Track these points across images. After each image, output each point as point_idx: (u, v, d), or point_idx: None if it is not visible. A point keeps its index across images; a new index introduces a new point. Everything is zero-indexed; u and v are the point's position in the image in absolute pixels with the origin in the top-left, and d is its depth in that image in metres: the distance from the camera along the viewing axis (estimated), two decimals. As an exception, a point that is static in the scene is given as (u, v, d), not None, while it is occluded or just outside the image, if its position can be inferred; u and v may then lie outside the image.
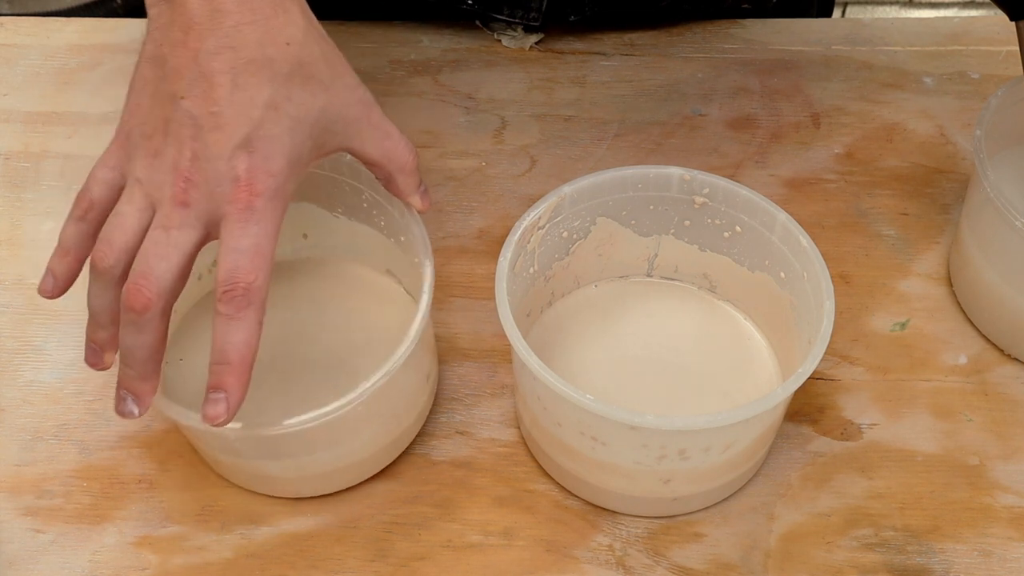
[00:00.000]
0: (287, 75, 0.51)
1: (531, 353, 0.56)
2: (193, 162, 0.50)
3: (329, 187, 0.64)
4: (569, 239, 0.65)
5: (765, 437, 0.60)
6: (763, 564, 0.60)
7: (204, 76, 0.50)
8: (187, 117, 0.50)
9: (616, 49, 0.85)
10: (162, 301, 0.51)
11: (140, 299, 0.50)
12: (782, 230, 0.62)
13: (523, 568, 0.59)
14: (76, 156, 0.76)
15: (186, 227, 0.50)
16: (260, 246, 0.50)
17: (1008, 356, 0.68)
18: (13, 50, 0.83)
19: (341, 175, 0.63)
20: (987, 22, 0.88)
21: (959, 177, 0.77)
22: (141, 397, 0.53)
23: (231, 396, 0.51)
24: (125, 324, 0.51)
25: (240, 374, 0.51)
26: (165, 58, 0.51)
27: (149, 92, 0.52)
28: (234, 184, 0.50)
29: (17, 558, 0.59)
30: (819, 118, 0.81)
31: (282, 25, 0.51)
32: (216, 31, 0.50)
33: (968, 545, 0.60)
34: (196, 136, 0.50)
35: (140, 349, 0.52)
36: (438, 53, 0.84)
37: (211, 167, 0.50)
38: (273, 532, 0.60)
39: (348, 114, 0.54)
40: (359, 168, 0.62)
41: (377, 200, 0.63)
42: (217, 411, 0.51)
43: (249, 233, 0.50)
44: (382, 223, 0.64)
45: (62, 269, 0.55)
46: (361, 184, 0.63)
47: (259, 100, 0.50)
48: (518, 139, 0.79)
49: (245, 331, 0.50)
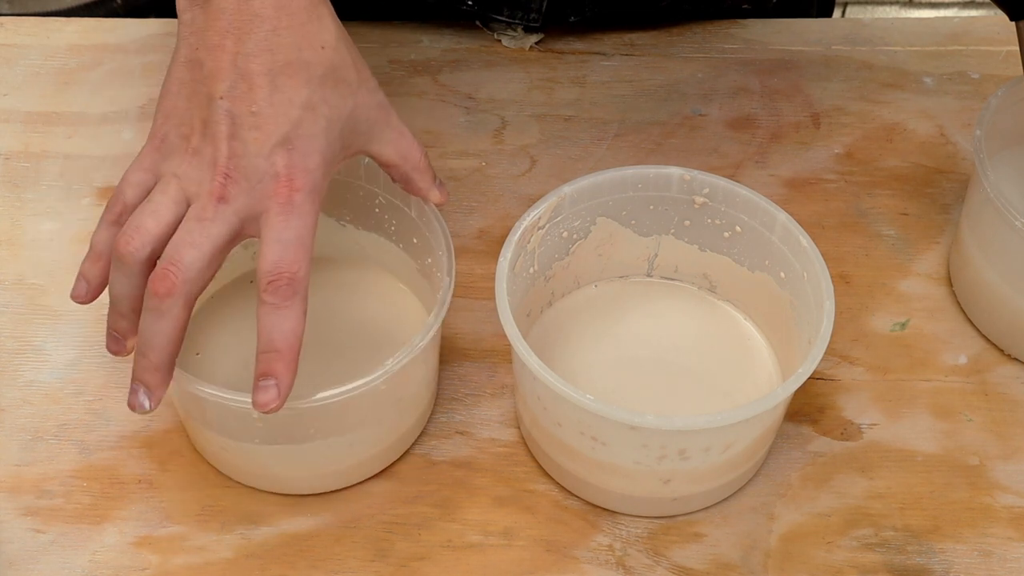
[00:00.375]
0: (321, 77, 0.53)
1: (531, 353, 0.56)
2: (232, 159, 0.51)
3: (339, 194, 0.65)
4: (569, 239, 0.65)
5: (765, 437, 0.60)
6: (763, 564, 0.60)
7: (243, 77, 0.51)
8: (226, 116, 0.51)
9: (616, 49, 0.85)
10: (187, 288, 0.51)
11: (165, 283, 0.51)
12: (782, 230, 0.62)
13: (523, 568, 0.59)
14: (76, 156, 0.76)
15: (221, 220, 0.51)
16: (302, 238, 0.52)
17: (1008, 356, 0.68)
18: (13, 50, 0.83)
19: (357, 179, 0.64)
20: (987, 22, 0.88)
21: (959, 177, 0.77)
22: (153, 389, 0.53)
23: (281, 382, 0.52)
24: (147, 310, 0.52)
25: (289, 361, 0.52)
26: (202, 61, 0.52)
27: (186, 94, 0.53)
28: (275, 180, 0.51)
29: (17, 558, 0.59)
30: (819, 118, 0.81)
31: (316, 31, 0.53)
32: (254, 34, 0.51)
33: (968, 545, 0.60)
34: (235, 135, 0.51)
35: (158, 336, 0.52)
36: (438, 53, 0.84)
37: (250, 164, 0.51)
38: (273, 532, 0.60)
39: (372, 116, 0.55)
40: (375, 171, 0.63)
41: (392, 203, 0.64)
42: (268, 397, 0.52)
43: (291, 226, 0.51)
44: (392, 227, 0.65)
45: (94, 274, 0.55)
46: (377, 188, 0.64)
47: (297, 101, 0.52)
48: (518, 139, 0.79)
49: (292, 319, 0.52)
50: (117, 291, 0.53)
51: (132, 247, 0.52)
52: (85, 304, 0.56)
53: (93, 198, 0.74)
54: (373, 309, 0.67)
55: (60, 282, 0.70)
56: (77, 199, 0.74)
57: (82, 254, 0.70)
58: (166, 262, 0.51)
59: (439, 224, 0.61)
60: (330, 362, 0.63)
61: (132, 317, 0.54)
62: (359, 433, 0.59)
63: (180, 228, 0.52)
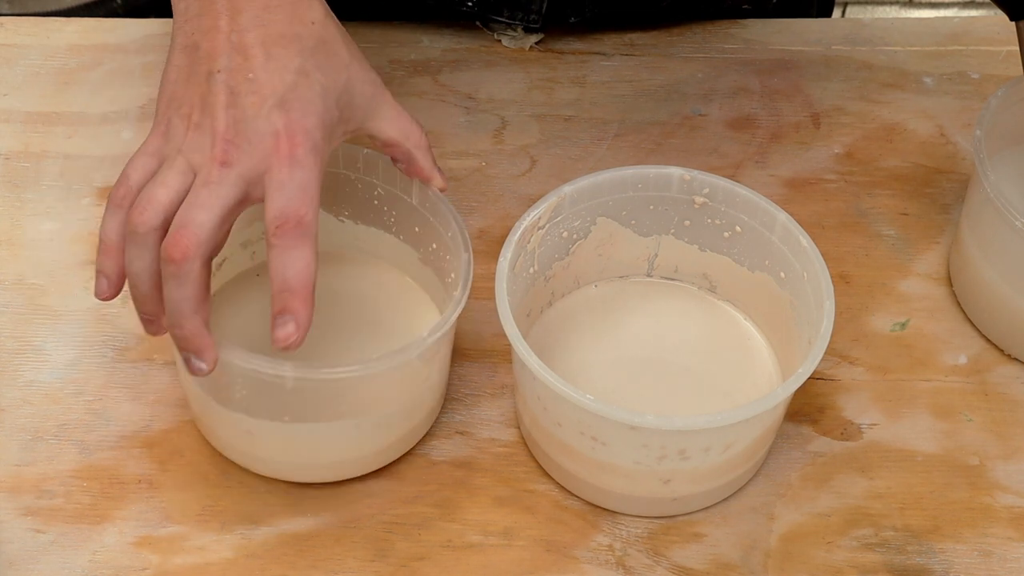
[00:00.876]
0: (313, 48, 0.54)
1: (531, 353, 0.56)
2: (231, 125, 0.52)
3: (337, 188, 0.65)
4: (569, 239, 0.65)
5: (765, 437, 0.60)
6: (763, 564, 0.60)
7: (238, 50, 0.53)
8: (223, 88, 0.52)
9: (616, 49, 0.85)
10: (202, 250, 0.51)
11: (179, 248, 0.51)
12: (782, 230, 0.62)
13: (523, 568, 0.59)
14: (76, 156, 0.76)
15: (227, 183, 0.52)
16: (307, 187, 0.52)
17: (1008, 356, 0.68)
18: (13, 50, 0.83)
19: (355, 172, 0.64)
20: (987, 22, 0.88)
21: (959, 177, 0.77)
22: (202, 352, 0.53)
23: (298, 318, 0.52)
24: (167, 279, 0.52)
25: (304, 298, 0.52)
26: (198, 44, 0.54)
27: (184, 78, 0.54)
28: (275, 138, 0.52)
29: (17, 558, 0.59)
30: (819, 118, 0.81)
31: (305, 8, 0.55)
32: (246, 12, 0.53)
33: (968, 545, 0.60)
34: (233, 103, 0.52)
35: (185, 302, 0.52)
36: (438, 53, 0.84)
37: (250, 126, 0.52)
38: (273, 532, 0.60)
39: (368, 91, 0.56)
40: (373, 162, 0.63)
41: (392, 192, 0.64)
42: (287, 331, 0.52)
43: (295, 176, 0.52)
44: (392, 219, 0.65)
45: (110, 267, 0.55)
46: (376, 179, 0.64)
47: (291, 67, 0.53)
48: (518, 139, 0.79)
49: (303, 259, 0.52)
50: (136, 268, 0.53)
51: (145, 217, 0.52)
52: (110, 300, 0.55)
53: (93, 198, 0.74)
54: (378, 301, 0.67)
55: (60, 282, 0.70)
56: (77, 199, 0.74)
57: (82, 254, 0.71)
58: (177, 227, 0.51)
59: (444, 205, 0.61)
60: (340, 355, 0.64)
61: (156, 295, 0.53)
62: (389, 412, 0.59)
63: (188, 196, 0.52)
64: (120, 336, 0.67)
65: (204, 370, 0.54)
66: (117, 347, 0.67)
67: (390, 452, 0.62)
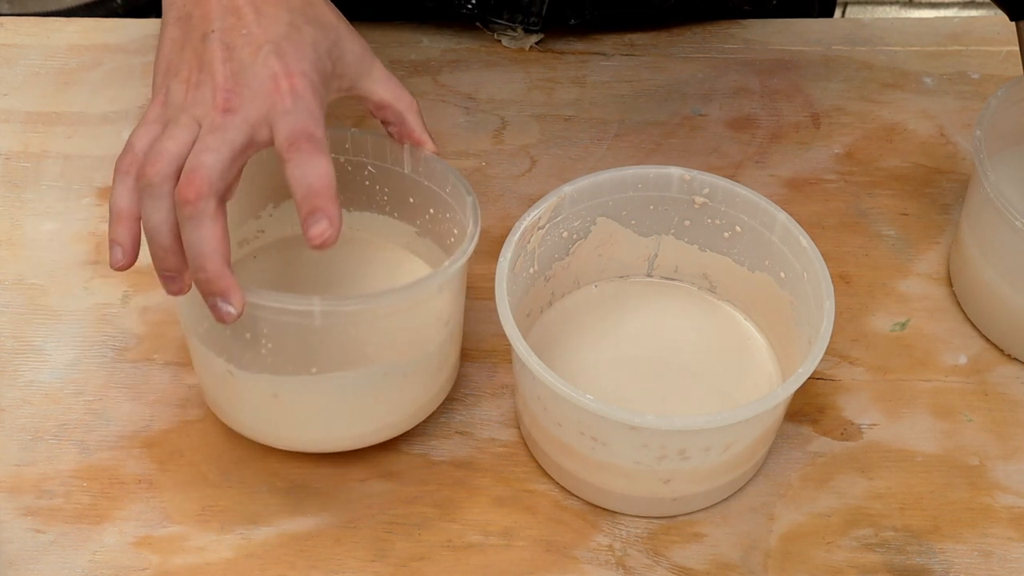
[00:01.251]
0: (301, 8, 0.56)
1: (531, 353, 0.56)
2: (230, 76, 0.53)
3: None
4: (569, 239, 0.65)
5: (765, 437, 0.60)
6: (763, 564, 0.60)
7: (230, 11, 0.55)
8: (219, 45, 0.54)
9: (616, 49, 0.85)
10: (214, 189, 0.52)
11: (192, 187, 0.51)
12: (782, 230, 0.62)
13: (523, 568, 0.59)
14: (76, 156, 0.76)
15: (233, 128, 0.53)
16: (313, 112, 0.53)
17: (1008, 356, 0.68)
18: (13, 50, 0.83)
19: (343, 154, 0.64)
20: (987, 22, 0.88)
21: (959, 177, 0.77)
22: (228, 294, 0.53)
23: (329, 215, 0.52)
24: (184, 223, 0.52)
25: (330, 196, 0.52)
26: (190, 14, 0.55)
27: (179, 46, 0.55)
28: (273, 80, 0.53)
29: (17, 558, 0.59)
30: (819, 118, 0.81)
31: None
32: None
33: (968, 545, 0.60)
34: (229, 57, 0.54)
35: (205, 243, 0.52)
36: (438, 53, 0.84)
37: (248, 73, 0.53)
38: (273, 532, 0.60)
39: (357, 51, 0.58)
40: (361, 141, 0.63)
41: (382, 168, 0.64)
42: (321, 228, 0.52)
43: (299, 105, 0.53)
44: (385, 198, 0.65)
45: (124, 235, 0.55)
46: (365, 157, 0.64)
47: (282, 20, 0.55)
48: (518, 139, 0.79)
49: (321, 166, 0.52)
50: (154, 221, 0.53)
51: (158, 167, 0.52)
52: (126, 269, 0.55)
53: (93, 198, 0.74)
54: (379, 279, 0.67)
55: (60, 282, 0.70)
56: (77, 199, 0.74)
57: (82, 254, 0.71)
58: (188, 171, 0.52)
59: (439, 163, 0.61)
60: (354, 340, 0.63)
61: (176, 247, 0.53)
62: (413, 358, 0.59)
63: (196, 143, 0.53)
64: (120, 336, 0.67)
65: (232, 313, 0.53)
66: (117, 347, 0.67)
67: (416, 414, 0.61)
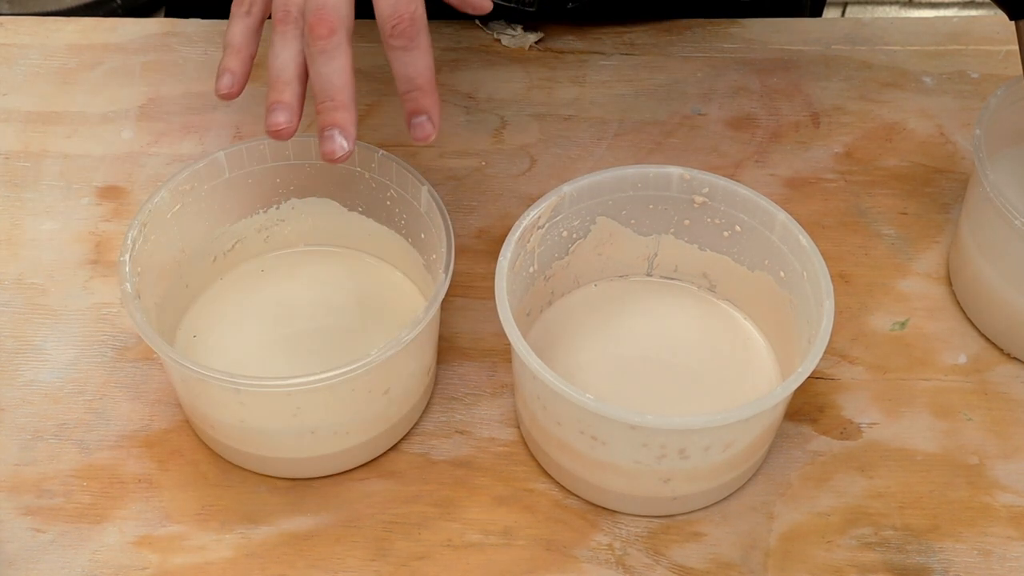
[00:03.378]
0: None
1: (531, 353, 0.56)
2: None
3: (353, 185, 0.66)
4: (569, 239, 0.65)
5: (765, 437, 0.60)
6: (763, 564, 0.60)
7: None
8: None
9: (616, 49, 0.85)
10: (344, 24, 0.55)
11: (325, 24, 0.55)
12: (782, 229, 0.62)
13: (523, 568, 0.59)
14: (76, 156, 0.76)
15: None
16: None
17: (1008, 356, 0.68)
18: (13, 50, 0.83)
19: (370, 171, 0.65)
20: (987, 22, 0.88)
21: (959, 177, 0.77)
22: (346, 127, 0.55)
23: (432, 114, 0.56)
24: (316, 56, 0.55)
25: (431, 92, 0.56)
26: None
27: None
28: None
29: (17, 558, 0.59)
30: (819, 118, 0.81)
31: None
32: None
33: (968, 544, 0.60)
34: None
35: (336, 75, 0.55)
36: (438, 53, 0.84)
37: None
38: (273, 532, 0.60)
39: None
40: (387, 165, 0.64)
41: (403, 197, 0.64)
42: (426, 131, 0.56)
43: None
44: (403, 222, 0.66)
45: (237, 64, 0.58)
46: (389, 180, 0.65)
47: None
48: (518, 139, 0.79)
49: (422, 57, 0.56)
50: (282, 59, 0.56)
51: (292, 8, 0.56)
52: (230, 99, 0.59)
53: (93, 198, 0.74)
54: (377, 301, 0.67)
55: (60, 282, 0.70)
56: (77, 199, 0.74)
57: (82, 254, 0.71)
58: (317, 7, 0.55)
59: (443, 219, 0.61)
60: (329, 353, 0.64)
61: (296, 84, 0.56)
62: (344, 420, 0.59)
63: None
64: (120, 336, 0.67)
65: (345, 148, 0.55)
66: (117, 347, 0.67)
67: (361, 453, 0.62)
